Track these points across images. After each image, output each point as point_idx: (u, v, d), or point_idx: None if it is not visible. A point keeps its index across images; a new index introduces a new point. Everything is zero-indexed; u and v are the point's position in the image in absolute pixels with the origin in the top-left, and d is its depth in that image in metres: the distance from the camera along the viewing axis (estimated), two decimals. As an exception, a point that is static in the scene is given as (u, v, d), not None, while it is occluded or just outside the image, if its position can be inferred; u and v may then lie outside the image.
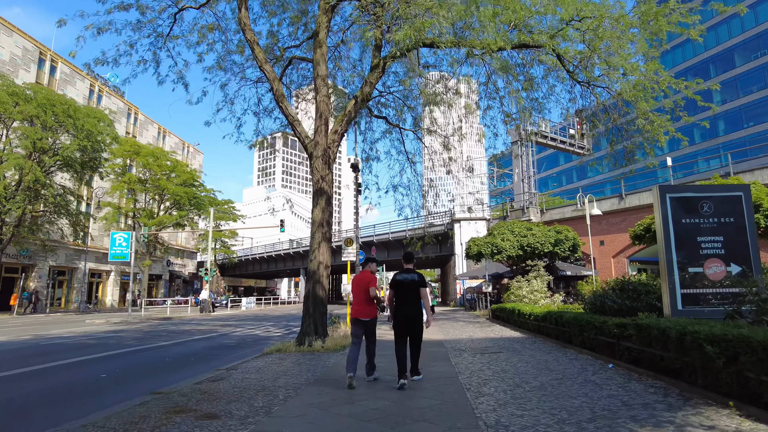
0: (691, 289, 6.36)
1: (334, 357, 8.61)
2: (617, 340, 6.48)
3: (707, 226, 6.51)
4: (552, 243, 21.37)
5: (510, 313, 13.88)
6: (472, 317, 20.42)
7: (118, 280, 46.60)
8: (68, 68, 39.85)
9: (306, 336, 10.09)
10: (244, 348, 11.32)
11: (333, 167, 11.11)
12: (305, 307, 10.46)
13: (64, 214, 31.09)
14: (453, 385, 5.66)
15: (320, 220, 10.60)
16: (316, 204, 10.71)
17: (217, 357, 9.70)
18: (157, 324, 19.95)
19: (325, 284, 10.60)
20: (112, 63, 11.44)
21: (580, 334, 7.95)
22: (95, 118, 28.45)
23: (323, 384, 6.00)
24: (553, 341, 9.52)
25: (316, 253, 10.52)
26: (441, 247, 37.37)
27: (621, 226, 25.29)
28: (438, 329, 14.20)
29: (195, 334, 15.00)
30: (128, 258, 22.31)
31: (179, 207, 43.69)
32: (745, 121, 46.76)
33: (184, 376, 7.12)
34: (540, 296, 15.37)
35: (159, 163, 41.92)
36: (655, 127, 12.72)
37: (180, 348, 11.33)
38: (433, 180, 16.96)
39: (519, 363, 7.18)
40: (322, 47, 10.78)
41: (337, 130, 11.17)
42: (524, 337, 11.18)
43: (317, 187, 10.75)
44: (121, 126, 47.19)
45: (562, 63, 13.10)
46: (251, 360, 8.41)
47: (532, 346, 9.36)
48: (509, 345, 9.61)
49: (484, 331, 13.10)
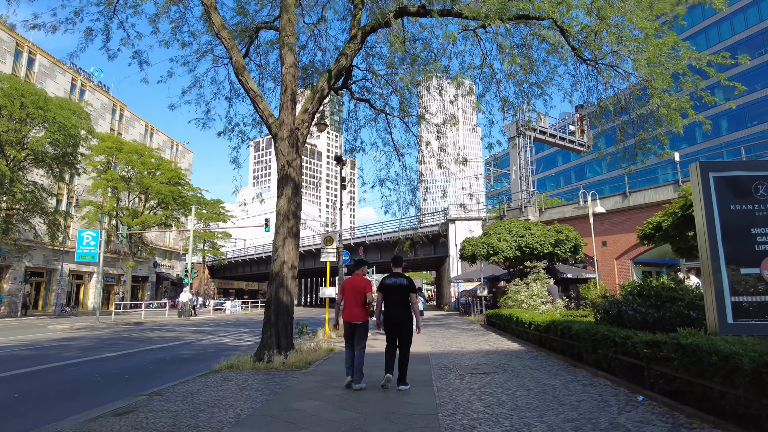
0: (744, 296, 4.85)
1: (295, 377, 7.05)
2: (647, 362, 4.94)
3: (764, 214, 5.00)
4: (552, 243, 19.86)
5: (507, 321, 12.34)
6: (466, 323, 18.88)
7: (101, 281, 44.77)
8: (48, 61, 38.20)
9: (266, 350, 8.52)
10: (199, 361, 9.73)
11: (302, 151, 9.56)
12: (266, 316, 8.89)
13: (38, 212, 29.40)
14: (428, 429, 4.11)
15: (285, 212, 9.05)
16: (282, 193, 9.16)
17: (159, 374, 8.12)
18: (122, 330, 18.32)
19: (291, 288, 9.03)
20: (49, 28, 9.85)
21: (594, 350, 6.41)
22: (69, 111, 26.78)
23: (258, 422, 4.44)
24: (558, 357, 7.99)
25: (280, 252, 8.97)
26: (435, 249, 35.83)
27: (625, 225, 23.83)
28: (426, 338, 12.65)
29: (156, 343, 13.39)
30: (96, 258, 20.66)
31: (165, 206, 42.02)
32: (749, 120, 45.55)
33: (93, 404, 5.55)
34: (540, 301, 13.83)
35: (143, 160, 40.25)
36: (671, 112, 11.26)
37: (124, 361, 9.73)
38: (424, 174, 15.43)
39: (518, 390, 5.63)
40: (288, 11, 9.25)
41: (307, 108, 9.63)
42: (523, 350, 9.63)
43: (283, 173, 9.20)
44: (105, 122, 45.55)
45: (566, 38, 11.62)
46: (190, 381, 6.83)
47: (533, 363, 7.82)
48: (506, 361, 8.05)
49: (478, 342, 11.55)
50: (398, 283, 5.90)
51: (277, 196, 9.25)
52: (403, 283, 5.90)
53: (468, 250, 21.18)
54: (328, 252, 13.93)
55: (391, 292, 5.91)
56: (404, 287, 5.89)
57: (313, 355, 8.90)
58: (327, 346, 9.82)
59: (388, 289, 5.92)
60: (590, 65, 12.18)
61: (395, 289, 5.89)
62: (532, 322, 9.71)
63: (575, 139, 31.68)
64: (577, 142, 31.81)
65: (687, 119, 11.79)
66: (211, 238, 57.13)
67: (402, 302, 5.88)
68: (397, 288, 5.88)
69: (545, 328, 8.75)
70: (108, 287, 46.75)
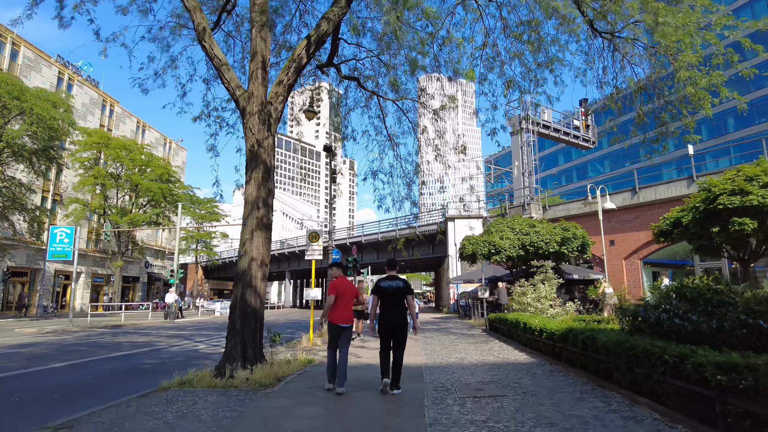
0: None
1: (256, 399, 5.68)
2: (720, 393, 3.58)
3: None
4: (558, 242, 18.50)
5: (512, 327, 10.97)
6: (466, 327, 17.51)
7: (89, 282, 43.39)
8: (33, 53, 36.82)
9: (228, 363, 7.15)
10: (157, 373, 8.27)
11: (275, 130, 8.20)
12: (230, 322, 7.52)
13: (17, 209, 28.00)
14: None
15: (254, 200, 7.68)
16: (250, 178, 7.79)
17: (97, 392, 6.73)
18: (94, 334, 16.91)
19: (260, 289, 7.66)
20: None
21: (630, 370, 5.04)
22: (48, 102, 25.37)
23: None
24: (580, 373, 6.61)
25: (248, 246, 7.60)
26: (433, 248, 34.47)
27: (634, 224, 22.47)
28: (422, 345, 11.28)
29: (121, 350, 12.00)
30: (71, 256, 19.26)
31: (155, 204, 40.65)
32: (757, 118, 44.23)
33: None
34: (548, 304, 12.45)
35: (132, 156, 38.87)
36: (699, 91, 9.91)
37: (68, 374, 8.34)
38: (421, 166, 14.04)
39: (537, 427, 4.26)
40: (259, -36, 7.89)
41: (282, 80, 8.27)
42: (534, 362, 8.24)
43: (252, 154, 7.83)
44: (94, 118, 44.16)
45: (580, 8, 10.30)
46: (123, 404, 5.46)
47: (549, 380, 6.44)
48: (516, 379, 6.67)
49: (480, 351, 10.17)
50: (394, 285, 5.83)
51: (245, 181, 7.89)
52: (400, 286, 5.81)
53: (468, 248, 19.82)
54: (314, 249, 12.55)
55: (387, 295, 5.82)
56: (401, 290, 5.81)
57: (286, 368, 7.53)
58: (304, 358, 8.44)
59: (384, 292, 5.83)
60: (606, 38, 10.85)
61: (391, 292, 5.80)
62: (543, 329, 8.33)
63: (580, 134, 30.34)
64: (581, 137, 30.47)
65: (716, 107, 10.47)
66: (205, 238, 55.75)
67: (398, 305, 5.80)
68: (394, 291, 5.80)
69: (561, 337, 7.38)
70: (97, 288, 45.32)
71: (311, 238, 12.47)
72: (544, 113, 28.36)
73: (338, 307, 6.02)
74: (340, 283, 6.16)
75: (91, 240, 43.14)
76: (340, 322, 5.99)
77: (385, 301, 5.83)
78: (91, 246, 43.14)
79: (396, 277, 5.98)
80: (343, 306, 6.04)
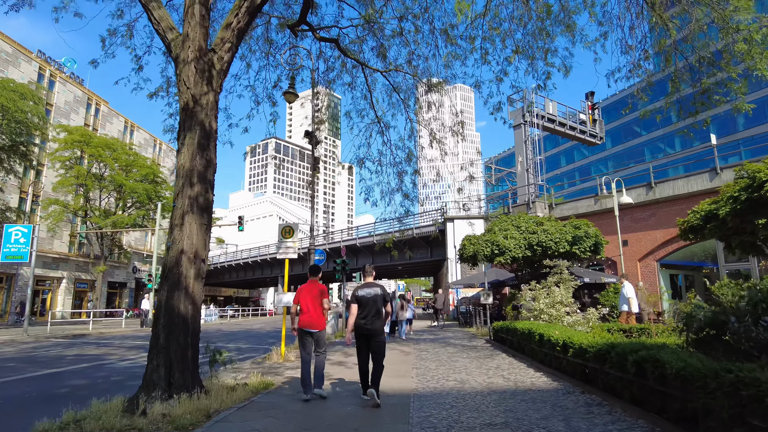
0: None
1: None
2: None
3: None
4: (569, 241, 16.58)
5: (524, 338, 9.02)
6: (467, 337, 15.54)
7: (71, 288, 41.24)
8: (10, 47, 35.09)
9: (146, 391, 5.22)
10: (72, 400, 6.22)
11: (219, 85, 6.31)
12: (153, 336, 5.58)
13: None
14: None
15: (188, 172, 5.78)
16: (183, 143, 5.89)
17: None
18: (43, 346, 14.92)
19: (194, 292, 5.72)
20: None
21: (740, 418, 3.12)
22: (15, 93, 23.55)
23: None
24: (630, 408, 4.67)
25: (177, 235, 5.68)
26: (432, 251, 32.55)
27: (649, 222, 20.57)
28: (415, 360, 9.34)
29: (58, 365, 10.02)
30: (27, 258, 17.33)
31: (140, 206, 38.78)
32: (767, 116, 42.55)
33: None
34: (564, 311, 10.51)
35: (116, 156, 37.02)
36: (753, 47, 8.09)
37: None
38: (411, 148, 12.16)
39: None
40: None
41: (230, 23, 6.40)
42: (557, 387, 6.28)
43: (186, 113, 5.94)
44: (78, 116, 42.32)
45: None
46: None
47: (590, 424, 4.47)
48: (540, 419, 4.69)
49: (485, 369, 8.21)
50: (372, 294, 5.74)
51: (177, 149, 6.00)
52: (378, 294, 5.75)
53: (469, 249, 17.89)
54: (287, 247, 10.64)
55: (365, 304, 5.72)
56: (379, 297, 5.74)
57: (227, 398, 5.58)
58: (258, 381, 6.48)
59: (362, 300, 5.74)
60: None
61: (369, 300, 5.71)
62: (569, 343, 6.38)
63: (586, 129, 28.53)
64: (588, 132, 28.66)
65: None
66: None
67: (376, 313, 5.71)
68: (371, 299, 5.71)
69: (597, 355, 5.45)
70: (80, 294, 43.19)
71: (284, 233, 10.54)
72: (549, 105, 26.57)
73: (303, 312, 5.95)
74: (303, 289, 6.09)
75: (74, 244, 41.14)
76: (308, 327, 5.90)
77: (363, 310, 5.70)
78: (74, 250, 41.12)
79: (374, 284, 5.89)
80: (310, 310, 5.92)
